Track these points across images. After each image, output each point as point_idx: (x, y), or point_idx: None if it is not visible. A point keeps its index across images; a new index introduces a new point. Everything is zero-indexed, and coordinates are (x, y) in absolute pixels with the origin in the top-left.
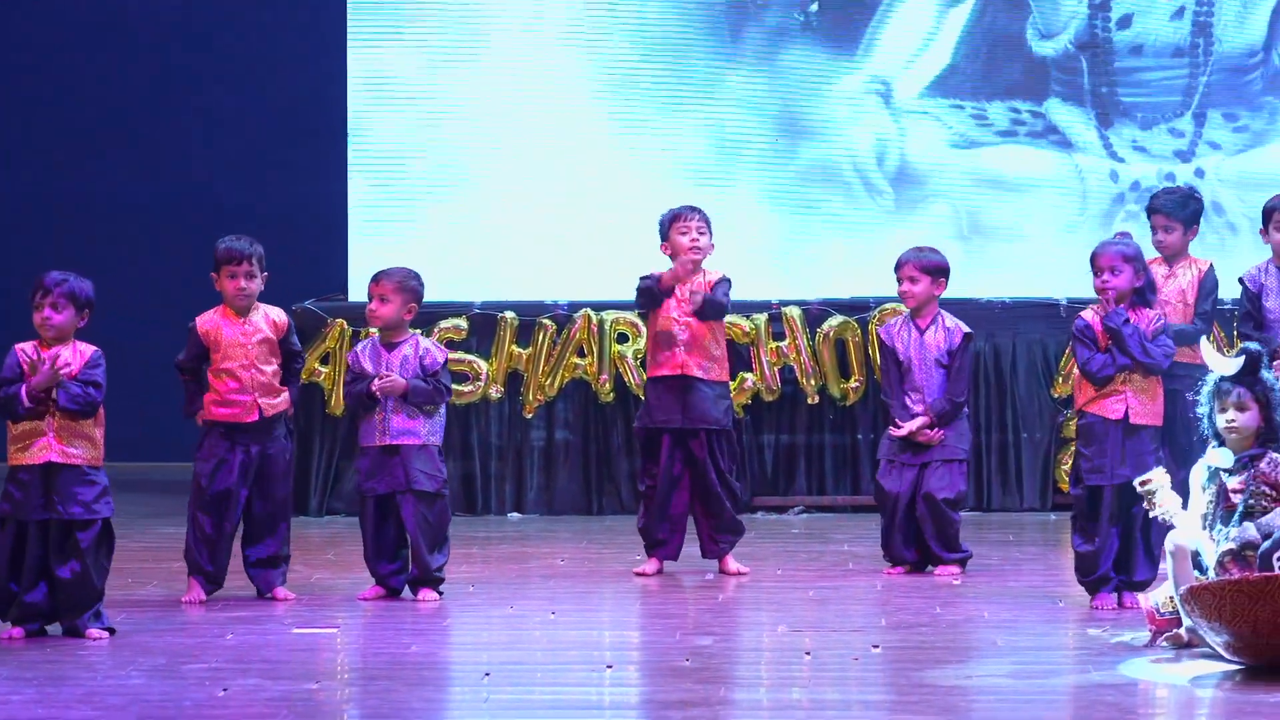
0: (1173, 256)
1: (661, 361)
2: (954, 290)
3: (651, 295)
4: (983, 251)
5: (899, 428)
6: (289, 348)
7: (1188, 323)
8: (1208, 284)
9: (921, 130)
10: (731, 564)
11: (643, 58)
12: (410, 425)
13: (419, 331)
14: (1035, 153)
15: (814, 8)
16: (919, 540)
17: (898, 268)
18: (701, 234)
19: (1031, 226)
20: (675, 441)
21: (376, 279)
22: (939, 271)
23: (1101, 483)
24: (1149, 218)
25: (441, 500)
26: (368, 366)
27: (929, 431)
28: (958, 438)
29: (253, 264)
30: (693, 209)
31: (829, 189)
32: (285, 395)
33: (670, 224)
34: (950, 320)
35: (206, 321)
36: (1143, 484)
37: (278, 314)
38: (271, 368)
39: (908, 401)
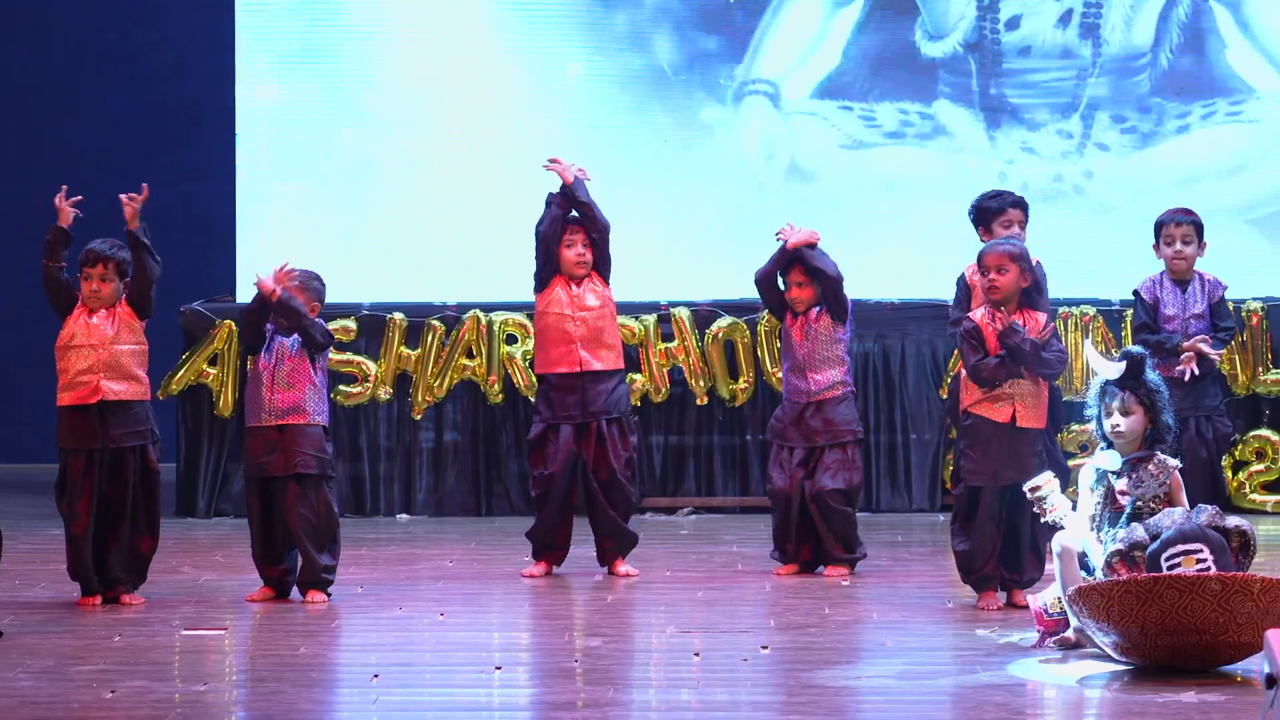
0: None
1: (557, 358)
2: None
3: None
4: (872, 253)
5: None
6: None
7: None
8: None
9: (810, 132)
10: (621, 566)
11: (527, 56)
12: (295, 401)
13: None
14: (924, 154)
15: None
16: (812, 536)
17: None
18: (587, 248)
19: (920, 228)
20: (574, 437)
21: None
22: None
23: (983, 484)
24: (984, 220)
25: (325, 490)
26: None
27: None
28: (842, 417)
29: (108, 268)
30: (580, 221)
31: (718, 190)
32: (133, 388)
33: (560, 233)
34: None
35: (76, 308)
36: (1033, 490)
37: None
38: (126, 348)
39: (789, 374)
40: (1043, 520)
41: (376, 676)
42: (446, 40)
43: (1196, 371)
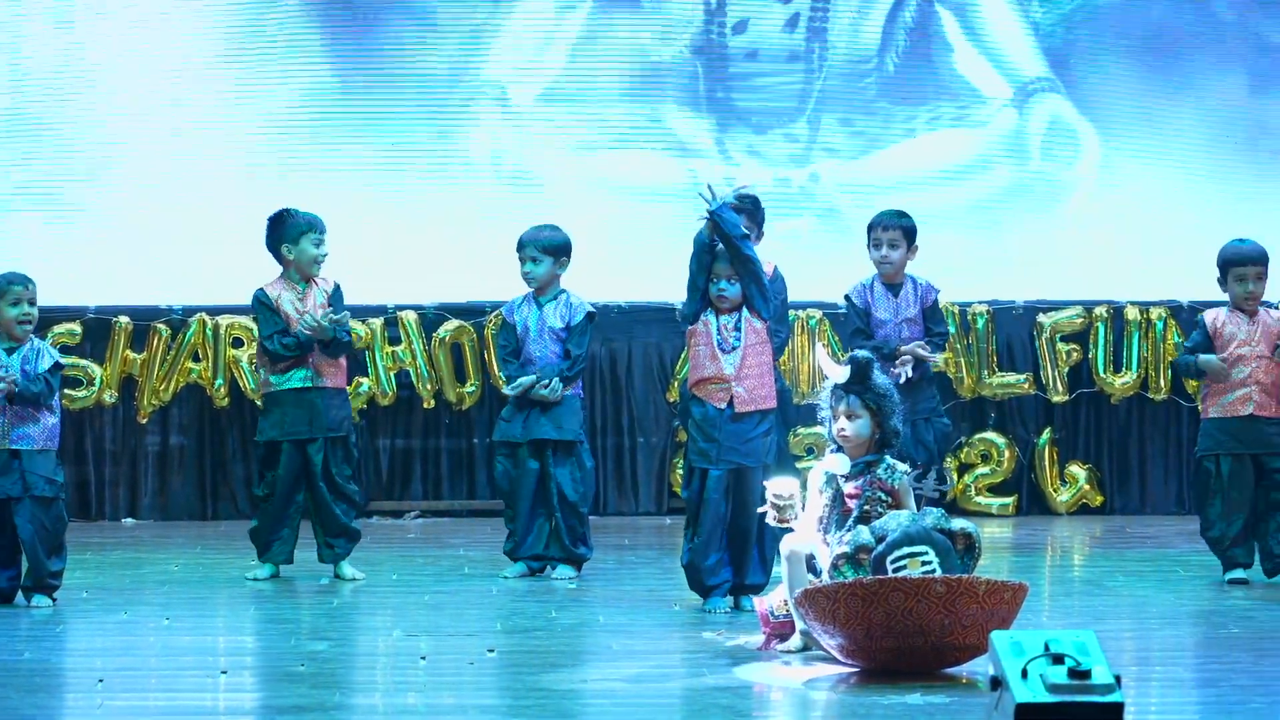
0: None
1: (289, 373)
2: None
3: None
4: (600, 256)
5: (511, 385)
6: None
7: None
8: (774, 286)
9: (538, 135)
10: (347, 569)
11: (252, 59)
12: (27, 430)
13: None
14: (651, 158)
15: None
16: (551, 535)
17: (520, 248)
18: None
19: (647, 231)
20: (296, 448)
21: (26, 285)
22: (561, 250)
23: (705, 466)
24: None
25: (58, 505)
26: None
27: (545, 389)
28: (571, 416)
29: None
30: (312, 219)
31: (447, 193)
32: None
33: (301, 233)
34: (577, 299)
35: None
36: (776, 495)
37: None
38: None
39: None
40: (767, 520)
41: (101, 681)
42: (168, 43)
43: (910, 375)
